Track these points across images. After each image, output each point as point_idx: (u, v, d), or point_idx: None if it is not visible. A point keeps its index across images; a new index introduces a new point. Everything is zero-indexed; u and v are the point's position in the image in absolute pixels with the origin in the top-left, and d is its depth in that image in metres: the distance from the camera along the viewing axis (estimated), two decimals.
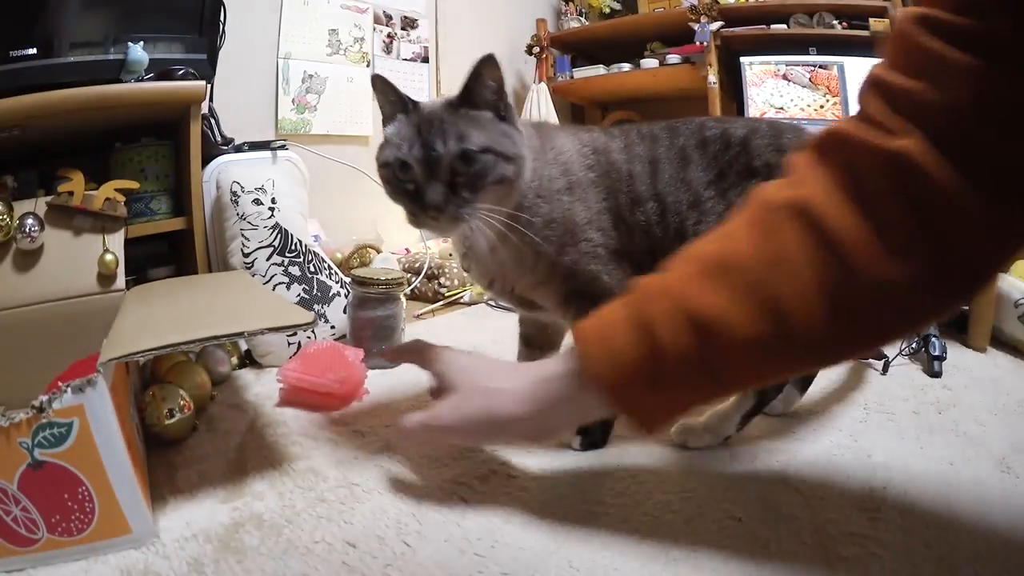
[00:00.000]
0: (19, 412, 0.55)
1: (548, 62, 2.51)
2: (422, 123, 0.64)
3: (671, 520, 0.64)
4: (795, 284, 0.37)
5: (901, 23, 0.38)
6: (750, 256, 0.39)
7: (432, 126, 0.63)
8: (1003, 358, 1.16)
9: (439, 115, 0.64)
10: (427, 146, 0.62)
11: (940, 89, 0.35)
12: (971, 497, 0.68)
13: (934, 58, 0.35)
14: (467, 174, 0.62)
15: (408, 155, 0.62)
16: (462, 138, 0.62)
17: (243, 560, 0.58)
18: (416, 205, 0.63)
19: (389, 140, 0.66)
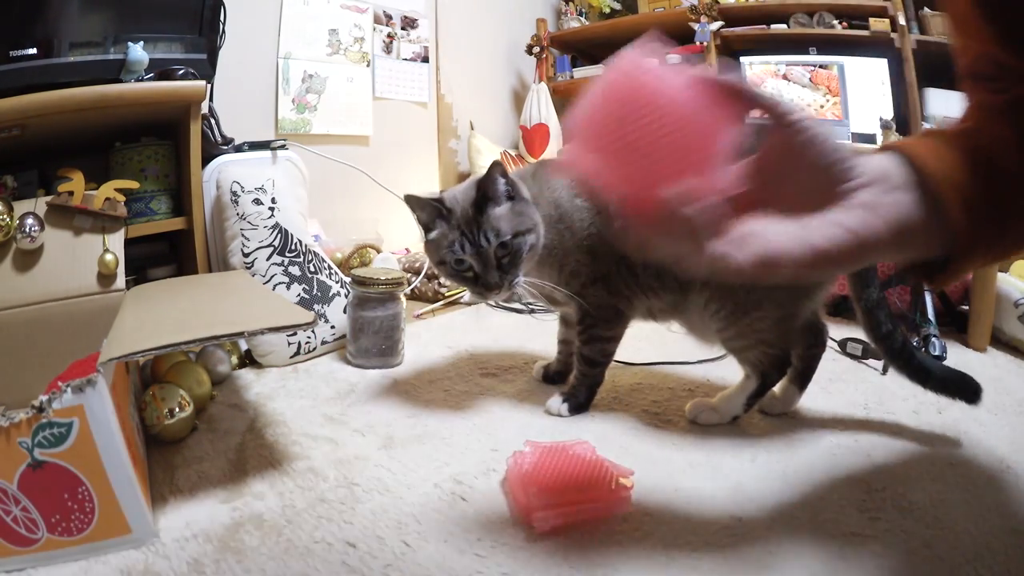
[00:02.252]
0: (19, 412, 0.55)
1: (548, 62, 2.51)
2: (462, 226, 0.81)
3: (671, 520, 0.64)
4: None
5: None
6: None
7: (471, 228, 0.81)
8: (1003, 358, 1.16)
9: (472, 218, 0.81)
10: (475, 244, 0.80)
11: None
12: (971, 497, 0.68)
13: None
14: (508, 255, 0.82)
15: (463, 255, 0.81)
16: (497, 233, 0.80)
17: (243, 560, 0.58)
18: (480, 287, 0.83)
19: (439, 243, 0.83)
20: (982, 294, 1.20)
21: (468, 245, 0.80)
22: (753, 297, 0.78)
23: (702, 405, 0.87)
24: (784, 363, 0.85)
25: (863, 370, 1.09)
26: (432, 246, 0.85)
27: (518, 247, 0.81)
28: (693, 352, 1.11)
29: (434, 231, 0.84)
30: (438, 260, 0.85)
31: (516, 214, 0.82)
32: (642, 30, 1.67)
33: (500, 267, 0.81)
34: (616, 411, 0.92)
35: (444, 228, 0.83)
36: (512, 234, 0.81)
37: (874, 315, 0.84)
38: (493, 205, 0.82)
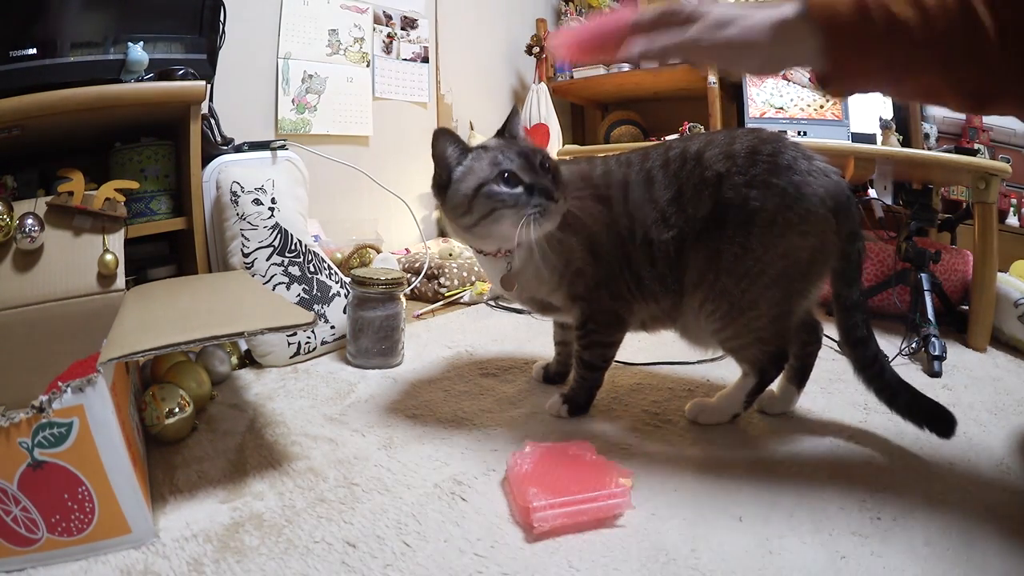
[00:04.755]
0: (19, 412, 0.55)
1: (548, 62, 2.51)
2: (497, 150, 0.78)
3: (671, 520, 0.64)
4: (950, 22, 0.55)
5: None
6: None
7: (509, 148, 0.78)
8: (1003, 358, 1.16)
9: (505, 143, 0.80)
10: (522, 155, 0.77)
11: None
12: (971, 497, 0.68)
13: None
14: (550, 170, 0.77)
15: (512, 165, 0.76)
16: (534, 149, 0.78)
17: (243, 560, 0.58)
18: (537, 197, 0.75)
19: (474, 169, 0.77)
20: (982, 294, 1.20)
21: (515, 157, 0.76)
22: (748, 296, 0.77)
23: (702, 404, 0.87)
24: (782, 359, 0.85)
25: None
26: (464, 177, 0.77)
27: (555, 163, 0.79)
28: (692, 352, 1.11)
29: (464, 163, 0.78)
30: (477, 185, 0.76)
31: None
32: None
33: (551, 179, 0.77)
34: (616, 411, 0.92)
35: (479, 154, 0.78)
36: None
37: (851, 315, 0.80)
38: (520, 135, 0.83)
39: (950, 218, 1.52)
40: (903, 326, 1.22)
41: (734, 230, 0.76)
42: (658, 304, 0.85)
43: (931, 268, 1.26)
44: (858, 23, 0.58)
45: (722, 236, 0.77)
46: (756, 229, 0.75)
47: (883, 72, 0.61)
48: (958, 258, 1.38)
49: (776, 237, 0.75)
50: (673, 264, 0.81)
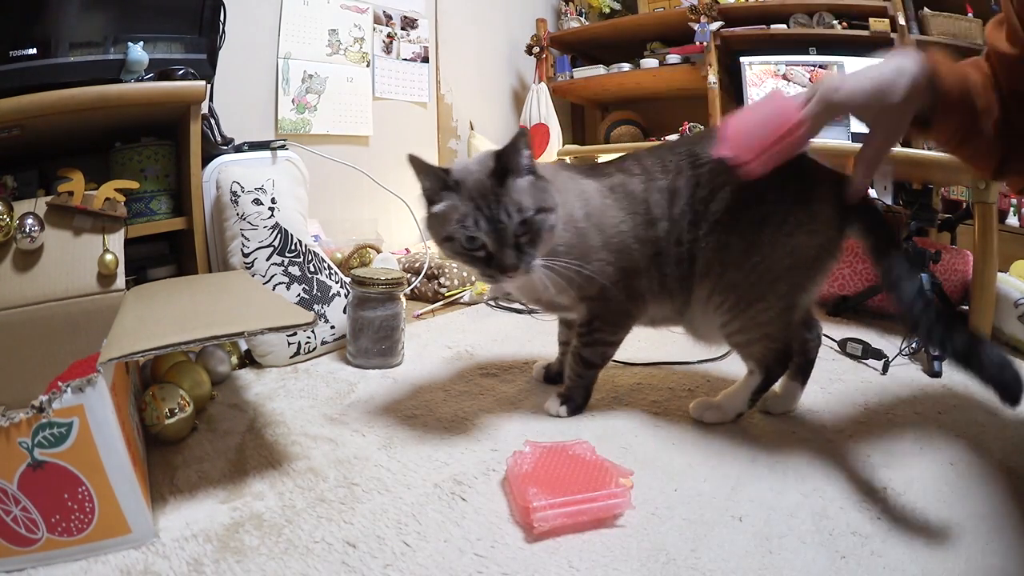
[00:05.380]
0: (19, 412, 0.55)
1: (548, 62, 2.51)
2: (476, 199, 0.73)
3: (671, 520, 0.64)
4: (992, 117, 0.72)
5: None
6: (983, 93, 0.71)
7: (488, 201, 0.73)
8: None
9: (489, 189, 0.73)
10: (492, 220, 0.72)
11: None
12: (971, 497, 0.68)
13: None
14: (528, 234, 0.74)
15: (477, 231, 0.73)
16: (520, 208, 0.73)
17: (243, 560, 0.58)
18: (492, 268, 0.75)
19: (446, 216, 0.75)
20: (982, 294, 1.20)
21: (483, 221, 0.72)
22: (756, 290, 0.78)
23: (706, 404, 0.88)
24: (787, 357, 0.85)
25: (863, 370, 1.09)
26: (437, 220, 0.77)
27: (539, 225, 0.74)
28: (693, 352, 1.11)
29: (439, 203, 0.76)
30: (444, 236, 0.76)
31: (538, 189, 0.76)
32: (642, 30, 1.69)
33: (517, 246, 0.74)
34: (616, 411, 0.92)
35: (453, 200, 0.75)
36: (535, 209, 0.74)
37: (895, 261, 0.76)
38: (515, 176, 0.75)
39: (950, 218, 1.52)
40: (903, 326, 1.22)
41: (746, 227, 0.78)
42: (672, 302, 0.85)
43: (931, 268, 1.26)
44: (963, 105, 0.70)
45: (733, 231, 0.78)
46: (768, 228, 0.77)
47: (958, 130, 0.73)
48: (958, 258, 1.38)
49: (785, 236, 0.77)
50: (692, 261, 0.82)
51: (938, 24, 1.94)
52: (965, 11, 1.97)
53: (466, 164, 0.78)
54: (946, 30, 1.93)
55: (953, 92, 0.70)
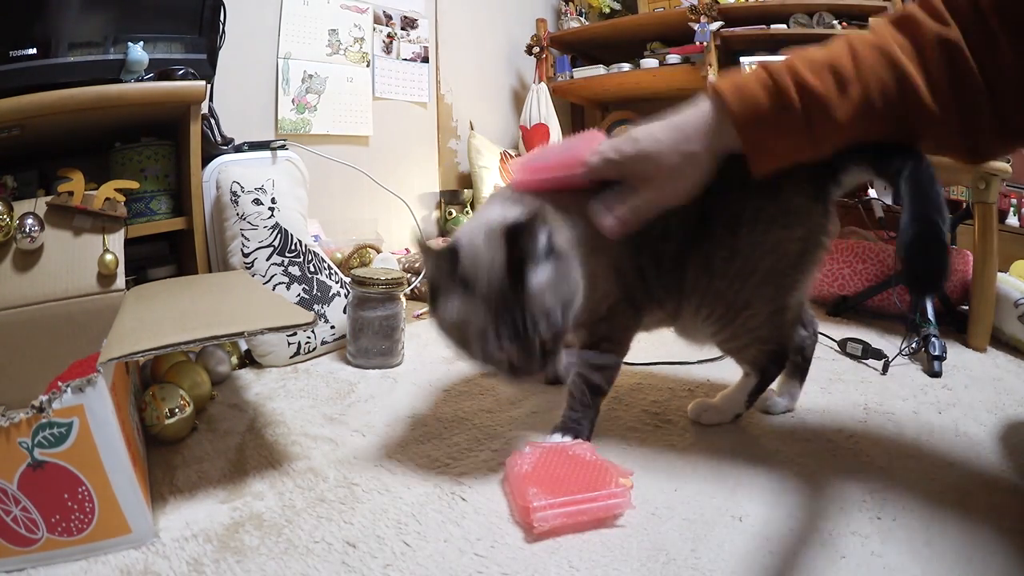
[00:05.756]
0: (19, 412, 0.55)
1: (548, 62, 2.51)
2: (492, 305, 0.62)
3: (671, 520, 0.64)
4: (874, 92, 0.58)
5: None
6: (843, 64, 0.59)
7: (509, 309, 0.62)
8: (1003, 358, 1.16)
9: (508, 293, 0.62)
10: (517, 335, 0.62)
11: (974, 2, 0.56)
12: (972, 497, 0.68)
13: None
14: (554, 337, 0.65)
15: (501, 353, 0.63)
16: (548, 316, 0.63)
17: (243, 560, 0.58)
18: (515, 377, 0.66)
19: (459, 326, 0.64)
20: (982, 294, 1.20)
21: (507, 338, 0.62)
22: (742, 297, 0.76)
23: (704, 405, 0.87)
24: (782, 357, 0.84)
25: (863, 370, 1.09)
26: (447, 323, 0.66)
27: (566, 324, 0.65)
28: (693, 352, 1.11)
29: (448, 301, 0.64)
30: (458, 343, 0.67)
31: (562, 278, 0.64)
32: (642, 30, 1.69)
33: (543, 350, 0.64)
34: (616, 411, 0.91)
35: (465, 304, 0.63)
36: (562, 307, 0.64)
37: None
38: (533, 267, 0.63)
39: (950, 218, 1.52)
40: (903, 326, 1.22)
41: (722, 231, 0.75)
42: (663, 309, 0.83)
43: None
44: (777, 110, 0.60)
45: (711, 238, 0.75)
46: (742, 230, 0.74)
47: (806, 151, 0.63)
48: (958, 258, 1.38)
49: (761, 234, 0.74)
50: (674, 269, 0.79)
51: None
52: None
53: (474, 245, 0.65)
54: None
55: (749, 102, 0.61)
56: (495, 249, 0.63)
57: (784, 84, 0.59)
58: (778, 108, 0.60)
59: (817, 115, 0.59)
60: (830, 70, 0.59)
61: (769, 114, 0.60)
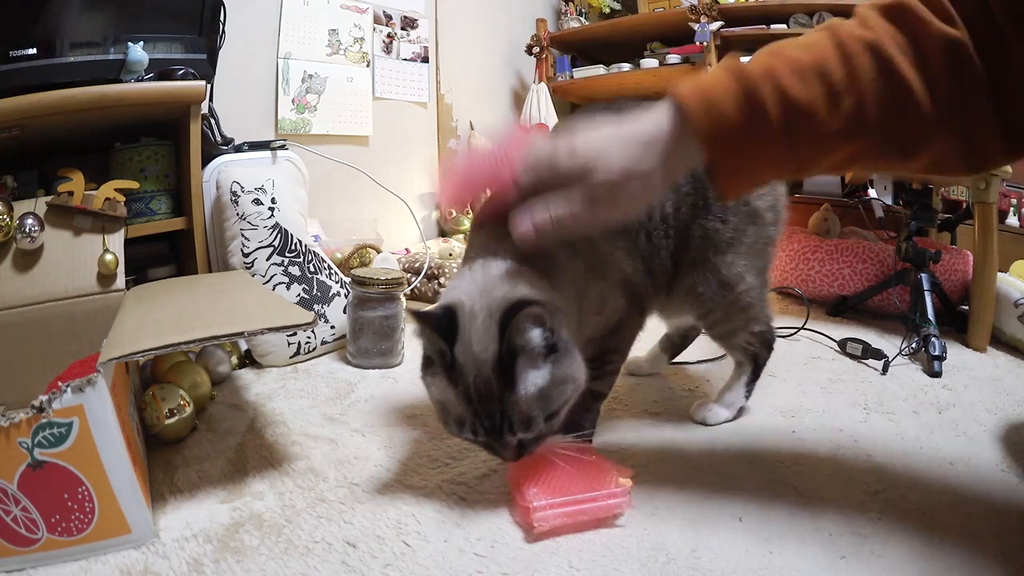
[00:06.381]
0: (19, 412, 0.55)
1: (548, 62, 2.50)
2: (472, 395, 0.58)
3: (671, 520, 0.64)
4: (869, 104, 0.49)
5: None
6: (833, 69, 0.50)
7: (491, 408, 0.58)
8: (1003, 358, 1.16)
9: (493, 390, 0.57)
10: (491, 431, 0.59)
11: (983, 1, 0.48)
12: (972, 497, 0.68)
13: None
14: (535, 439, 0.61)
15: (474, 440, 0.61)
16: (526, 423, 0.58)
17: (243, 560, 0.58)
18: (489, 451, 0.63)
19: (441, 404, 0.62)
20: (982, 294, 1.20)
21: (482, 432, 0.59)
22: (735, 269, 0.78)
23: (707, 407, 0.88)
24: (770, 340, 0.86)
25: (863, 370, 1.09)
26: (431, 396, 0.63)
27: (551, 427, 0.61)
28: (693, 352, 1.11)
29: (435, 378, 0.61)
30: (439, 411, 0.63)
31: (557, 383, 0.59)
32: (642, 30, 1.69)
33: (522, 445, 0.61)
34: (616, 411, 0.91)
35: (449, 387, 0.59)
36: (547, 416, 0.59)
37: None
38: (527, 371, 0.58)
39: (950, 218, 1.52)
40: (903, 326, 1.22)
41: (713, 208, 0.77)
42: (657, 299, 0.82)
43: (931, 268, 1.26)
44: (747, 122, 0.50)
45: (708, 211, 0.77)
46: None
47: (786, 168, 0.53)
48: (958, 258, 1.38)
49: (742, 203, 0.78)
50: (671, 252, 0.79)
51: None
52: None
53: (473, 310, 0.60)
54: None
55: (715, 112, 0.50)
56: (489, 335, 0.58)
57: (760, 94, 0.50)
58: (754, 124, 0.50)
59: (802, 132, 0.50)
60: (818, 76, 0.50)
61: (743, 130, 0.50)
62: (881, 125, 0.50)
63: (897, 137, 0.51)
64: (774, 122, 0.50)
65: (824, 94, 0.49)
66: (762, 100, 0.50)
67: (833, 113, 0.50)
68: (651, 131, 0.53)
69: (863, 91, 0.49)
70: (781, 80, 0.50)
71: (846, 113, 0.50)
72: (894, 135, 0.51)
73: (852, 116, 0.50)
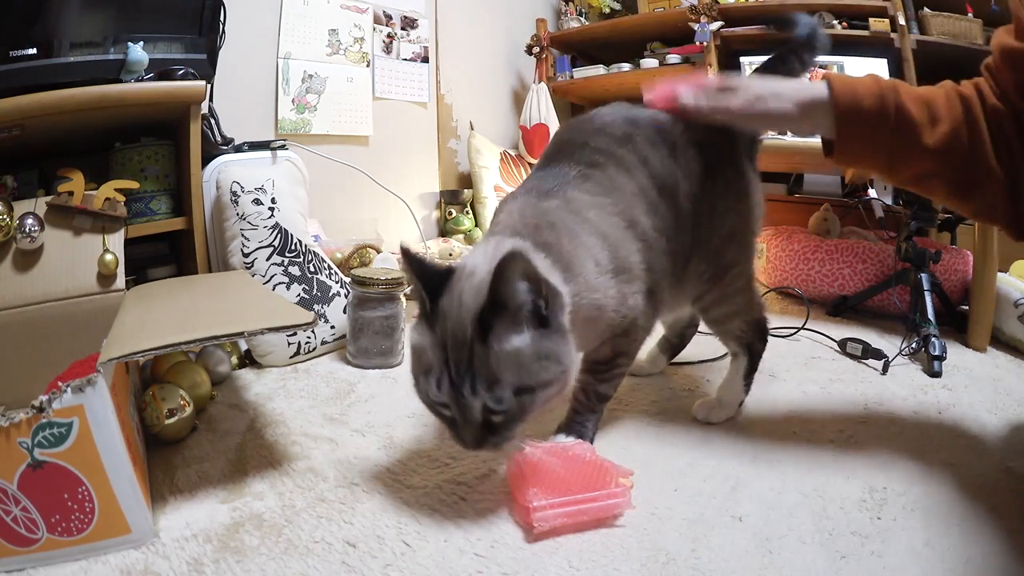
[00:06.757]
0: (19, 412, 0.55)
1: (548, 62, 2.50)
2: (448, 347, 0.56)
3: (671, 520, 0.64)
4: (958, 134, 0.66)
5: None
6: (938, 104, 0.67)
7: (460, 356, 0.55)
8: (1003, 358, 1.16)
9: (466, 340, 0.55)
10: (455, 386, 0.56)
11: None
12: (971, 497, 0.68)
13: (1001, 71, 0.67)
14: (503, 413, 0.57)
15: (438, 395, 0.57)
16: (493, 383, 0.55)
17: (243, 560, 0.58)
18: (455, 435, 0.60)
19: (417, 353, 0.60)
20: (982, 294, 1.20)
21: (447, 385, 0.56)
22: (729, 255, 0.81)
23: (709, 405, 0.88)
24: (764, 330, 0.88)
25: (863, 370, 1.09)
26: (412, 338, 0.62)
27: (522, 407, 0.57)
28: (693, 352, 1.11)
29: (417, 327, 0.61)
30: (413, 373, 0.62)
31: (538, 356, 0.56)
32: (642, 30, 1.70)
33: (489, 425, 0.57)
34: (616, 411, 0.91)
35: (426, 335, 0.59)
36: (517, 388, 0.55)
37: None
38: (507, 329, 0.55)
39: (950, 218, 1.52)
40: (903, 326, 1.22)
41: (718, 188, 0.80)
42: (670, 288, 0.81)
43: (931, 268, 1.26)
44: (875, 117, 0.67)
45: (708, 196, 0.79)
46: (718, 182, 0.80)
47: (882, 159, 0.70)
48: (958, 258, 1.38)
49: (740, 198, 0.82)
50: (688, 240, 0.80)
51: (938, 24, 1.94)
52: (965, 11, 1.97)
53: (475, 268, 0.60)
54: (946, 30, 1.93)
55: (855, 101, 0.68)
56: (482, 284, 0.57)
57: (888, 99, 0.67)
58: (876, 116, 0.67)
59: (904, 136, 0.67)
60: (926, 105, 0.66)
61: (867, 117, 0.67)
62: (958, 155, 0.66)
63: (964, 172, 0.67)
64: (890, 121, 0.67)
65: (927, 116, 0.66)
66: (888, 104, 0.67)
67: (929, 132, 0.66)
68: (809, 95, 0.71)
69: (955, 126, 0.65)
70: (902, 96, 0.67)
71: (937, 136, 0.66)
72: (962, 170, 0.66)
73: (941, 140, 0.65)
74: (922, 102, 0.67)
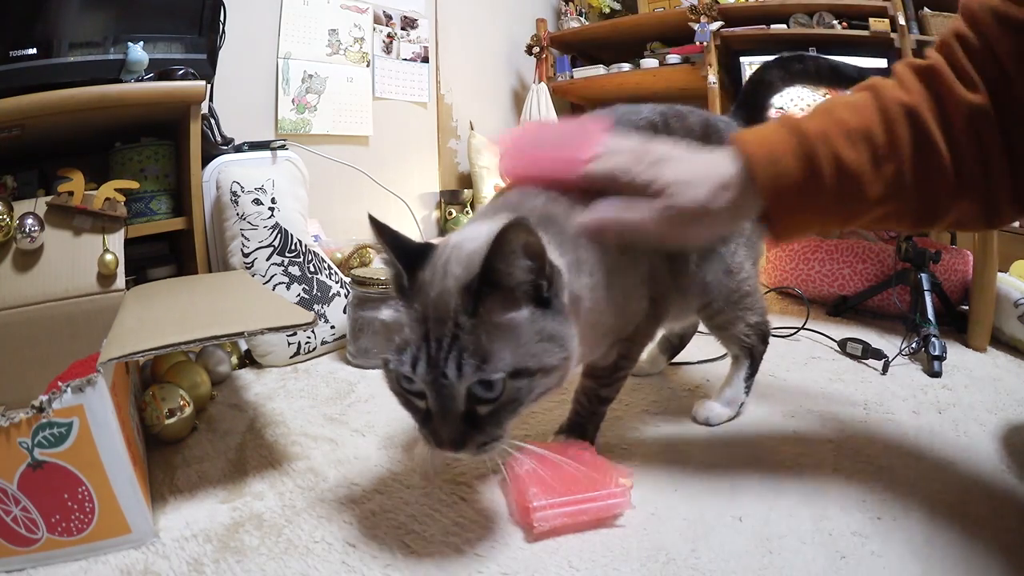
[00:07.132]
0: (19, 412, 0.55)
1: (548, 62, 2.51)
2: (429, 321, 0.47)
3: (671, 520, 0.64)
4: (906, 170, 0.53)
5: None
6: (877, 136, 0.54)
7: (442, 331, 0.46)
8: (1003, 358, 1.16)
9: (450, 313, 0.47)
10: (435, 366, 0.46)
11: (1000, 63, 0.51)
12: (972, 497, 0.68)
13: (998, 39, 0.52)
14: (491, 402, 0.48)
15: (411, 376, 0.48)
16: (483, 361, 0.46)
17: (243, 560, 0.58)
18: (428, 432, 0.50)
19: (389, 329, 0.50)
20: (982, 294, 1.20)
21: (424, 364, 0.47)
22: (736, 259, 0.80)
23: (709, 407, 0.87)
24: (766, 332, 0.87)
25: (863, 370, 1.09)
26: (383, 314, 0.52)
27: (516, 396, 0.48)
28: (693, 352, 1.11)
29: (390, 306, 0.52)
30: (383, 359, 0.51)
31: (540, 336, 0.49)
32: (642, 30, 1.69)
33: (472, 418, 0.49)
34: (616, 411, 0.91)
35: (401, 308, 0.50)
36: (513, 371, 0.47)
37: None
38: (501, 304, 0.48)
39: None
40: (903, 326, 1.22)
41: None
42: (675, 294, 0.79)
43: (931, 268, 1.26)
44: (807, 185, 0.54)
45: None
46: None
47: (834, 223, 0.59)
48: (958, 258, 1.38)
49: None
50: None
51: (938, 24, 1.94)
52: None
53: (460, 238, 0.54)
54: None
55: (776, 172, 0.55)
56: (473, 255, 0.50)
57: (818, 155, 0.54)
58: (808, 183, 0.55)
59: (850, 193, 0.55)
60: (865, 142, 0.54)
61: (801, 188, 0.55)
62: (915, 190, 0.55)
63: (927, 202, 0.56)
64: (827, 182, 0.54)
65: (869, 159, 0.54)
66: (819, 162, 0.54)
67: (876, 177, 0.54)
68: (724, 174, 0.56)
69: (902, 158, 0.54)
70: (834, 143, 0.54)
71: (886, 178, 0.54)
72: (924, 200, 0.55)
73: (891, 181, 0.54)
74: (859, 136, 0.54)
